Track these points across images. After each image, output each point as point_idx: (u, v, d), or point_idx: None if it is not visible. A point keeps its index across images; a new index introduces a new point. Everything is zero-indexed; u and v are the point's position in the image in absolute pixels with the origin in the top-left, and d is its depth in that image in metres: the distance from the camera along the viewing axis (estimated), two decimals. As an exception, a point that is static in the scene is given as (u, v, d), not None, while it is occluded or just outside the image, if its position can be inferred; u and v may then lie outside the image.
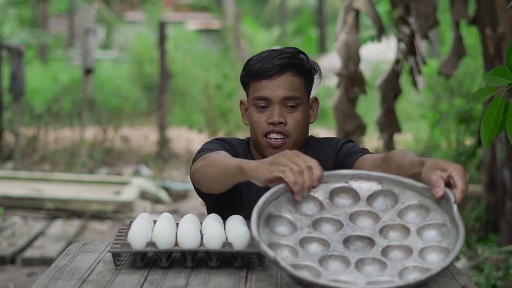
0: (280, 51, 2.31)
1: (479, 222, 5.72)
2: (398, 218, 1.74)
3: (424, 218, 1.74)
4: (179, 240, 1.90)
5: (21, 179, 8.07)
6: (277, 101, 2.27)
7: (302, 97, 2.30)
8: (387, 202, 1.77)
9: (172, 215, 2.08)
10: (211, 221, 2.00)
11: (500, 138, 5.32)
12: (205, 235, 1.91)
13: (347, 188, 1.77)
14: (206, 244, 1.90)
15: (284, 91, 2.27)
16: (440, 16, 5.79)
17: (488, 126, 1.99)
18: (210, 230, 1.92)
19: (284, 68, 2.28)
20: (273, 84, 2.27)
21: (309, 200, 1.76)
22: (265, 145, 2.28)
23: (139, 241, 1.89)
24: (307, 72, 2.32)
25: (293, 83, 2.29)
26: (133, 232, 1.90)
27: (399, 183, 1.78)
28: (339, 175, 1.81)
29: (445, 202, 1.72)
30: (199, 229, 1.98)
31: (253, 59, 2.32)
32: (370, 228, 1.73)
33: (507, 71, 1.99)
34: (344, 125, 5.52)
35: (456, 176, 1.77)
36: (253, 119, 2.30)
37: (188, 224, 1.94)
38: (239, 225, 1.95)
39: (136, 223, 1.97)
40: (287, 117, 2.28)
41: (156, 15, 19.58)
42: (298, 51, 2.34)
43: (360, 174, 1.80)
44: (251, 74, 2.30)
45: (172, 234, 1.92)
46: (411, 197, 1.75)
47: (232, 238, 1.90)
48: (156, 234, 1.90)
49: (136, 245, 1.89)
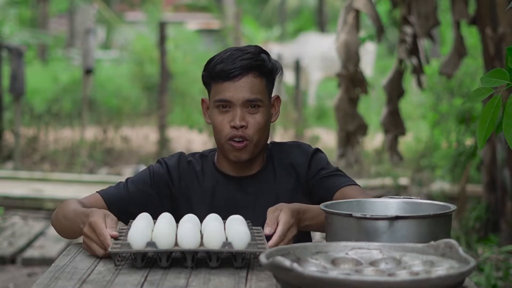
0: (242, 51, 2.29)
1: (479, 222, 5.72)
2: (404, 270, 1.74)
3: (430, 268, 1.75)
4: (179, 240, 1.90)
5: (21, 179, 8.07)
6: (239, 104, 2.27)
7: (263, 99, 2.30)
8: (389, 266, 1.77)
9: (171, 216, 2.08)
10: (211, 221, 2.00)
11: (500, 138, 5.32)
12: (205, 235, 1.91)
13: (348, 259, 1.77)
14: (206, 244, 1.89)
15: (246, 94, 2.26)
16: (440, 16, 5.79)
17: (483, 126, 1.98)
18: (210, 230, 1.91)
19: (246, 70, 2.26)
20: (234, 87, 2.26)
21: (311, 265, 1.75)
22: (229, 148, 2.29)
23: (139, 241, 1.88)
24: (269, 72, 2.32)
25: (255, 84, 2.28)
26: (133, 232, 1.90)
27: (399, 248, 1.78)
28: (340, 246, 1.80)
29: (449, 250, 1.73)
30: (199, 229, 1.98)
31: (215, 59, 2.30)
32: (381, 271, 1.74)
33: (504, 72, 1.99)
34: (345, 125, 5.52)
35: (280, 225, 2.03)
36: (216, 121, 2.31)
37: (188, 224, 1.94)
38: (239, 225, 1.95)
39: (136, 223, 1.97)
40: (248, 120, 2.28)
41: (156, 15, 19.58)
42: (260, 50, 2.33)
43: (360, 245, 1.80)
44: (213, 76, 2.29)
45: (172, 234, 1.92)
46: (414, 258, 1.75)
47: (232, 238, 1.90)
48: (156, 234, 1.90)
49: (136, 245, 1.88)
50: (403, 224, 1.89)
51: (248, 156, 2.30)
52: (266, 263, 1.59)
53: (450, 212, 1.97)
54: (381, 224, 1.88)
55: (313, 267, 1.70)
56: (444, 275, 1.54)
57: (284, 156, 2.39)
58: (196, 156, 2.41)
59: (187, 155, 2.41)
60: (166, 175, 2.35)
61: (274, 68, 2.34)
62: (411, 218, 1.91)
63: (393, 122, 5.88)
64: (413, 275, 1.65)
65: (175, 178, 2.35)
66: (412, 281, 1.52)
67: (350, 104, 5.52)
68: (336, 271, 1.68)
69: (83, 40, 10.84)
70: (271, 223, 2.02)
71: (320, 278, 1.52)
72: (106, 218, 2.03)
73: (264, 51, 2.34)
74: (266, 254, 1.65)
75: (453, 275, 1.54)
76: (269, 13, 24.83)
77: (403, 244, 1.79)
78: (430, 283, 1.52)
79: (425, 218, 1.92)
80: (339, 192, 2.30)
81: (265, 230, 2.01)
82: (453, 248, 1.72)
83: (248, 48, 2.32)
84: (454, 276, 1.54)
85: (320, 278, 1.52)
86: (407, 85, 8.16)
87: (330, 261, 1.75)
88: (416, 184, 7.69)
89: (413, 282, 1.51)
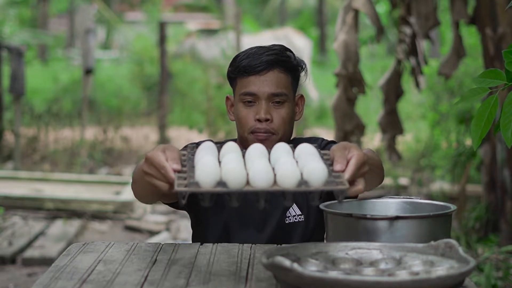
0: (268, 48, 2.35)
1: (479, 222, 5.72)
2: (404, 270, 1.74)
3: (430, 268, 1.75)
4: (251, 179, 1.75)
5: (21, 179, 8.07)
6: (264, 97, 2.30)
7: (288, 94, 2.33)
8: (389, 266, 1.77)
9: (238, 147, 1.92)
10: (283, 157, 1.83)
11: (500, 138, 5.32)
12: (278, 173, 1.76)
13: (348, 259, 1.78)
14: (280, 183, 1.75)
15: (271, 87, 2.30)
16: (440, 16, 5.79)
17: (479, 125, 1.98)
18: (283, 168, 1.77)
19: (272, 65, 2.31)
20: (260, 80, 2.30)
21: (311, 265, 1.75)
22: (252, 140, 2.30)
23: (209, 180, 1.73)
24: (294, 69, 2.36)
25: (280, 79, 2.32)
26: (201, 170, 1.74)
27: (399, 248, 1.78)
28: (339, 246, 1.80)
29: (449, 250, 1.73)
30: (270, 166, 1.81)
31: (241, 55, 2.35)
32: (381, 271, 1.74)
33: (499, 73, 1.99)
34: (343, 125, 5.52)
35: (353, 159, 1.84)
36: (240, 114, 2.33)
37: (259, 161, 1.79)
38: (314, 161, 1.81)
39: (204, 158, 1.79)
40: (273, 114, 2.31)
41: (156, 15, 19.59)
42: (285, 48, 2.38)
43: (360, 245, 1.80)
44: (239, 70, 2.33)
45: (244, 172, 1.76)
46: (414, 258, 1.75)
47: (308, 175, 1.76)
48: (227, 172, 1.75)
49: (205, 185, 1.73)
50: (403, 224, 1.89)
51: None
52: (266, 263, 1.59)
53: (450, 212, 1.97)
54: (381, 224, 1.89)
55: (313, 267, 1.70)
56: (444, 275, 1.55)
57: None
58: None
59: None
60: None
61: (299, 65, 2.38)
62: (411, 218, 1.91)
63: (390, 122, 5.88)
64: (413, 275, 1.65)
65: None
66: (412, 281, 1.52)
67: (348, 104, 5.52)
68: (336, 271, 1.68)
69: (83, 40, 10.83)
70: (341, 159, 1.85)
71: (320, 278, 1.52)
72: (166, 150, 1.86)
73: (289, 49, 2.38)
74: (266, 254, 1.65)
75: (453, 275, 1.55)
76: (269, 13, 24.83)
77: (403, 244, 1.79)
78: (430, 283, 1.52)
79: (425, 218, 1.92)
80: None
81: (336, 166, 1.84)
82: (453, 248, 1.72)
83: (274, 46, 2.37)
84: (454, 276, 1.55)
85: (320, 278, 1.52)
86: (407, 85, 8.16)
87: (330, 261, 1.75)
88: (416, 184, 7.69)
89: (413, 282, 1.51)
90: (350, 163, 1.84)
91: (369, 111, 11.20)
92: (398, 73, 5.88)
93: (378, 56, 17.85)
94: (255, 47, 2.37)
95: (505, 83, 1.97)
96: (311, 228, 2.35)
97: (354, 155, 1.86)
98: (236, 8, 16.83)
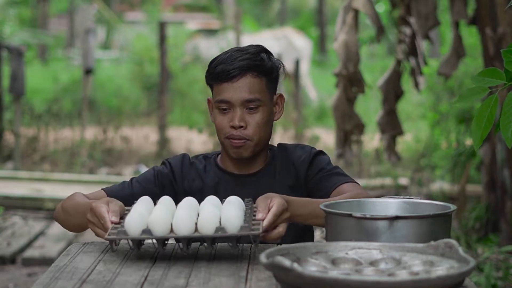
0: (242, 51, 2.33)
1: (479, 222, 5.72)
2: (404, 270, 1.74)
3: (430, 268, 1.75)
4: (174, 227, 1.94)
5: (21, 179, 8.07)
6: (238, 104, 2.30)
7: (263, 98, 2.32)
8: (389, 266, 1.77)
9: (171, 199, 2.11)
10: (206, 205, 2.03)
11: (500, 138, 5.32)
12: (199, 220, 1.95)
13: (348, 259, 1.78)
14: (200, 230, 1.93)
15: (244, 94, 2.30)
16: (440, 16, 5.78)
17: (480, 125, 1.98)
18: (203, 215, 1.95)
19: (244, 70, 2.29)
20: (233, 87, 2.30)
21: (311, 265, 1.75)
22: (229, 145, 2.33)
23: (135, 228, 1.92)
24: (268, 71, 2.34)
25: (254, 84, 2.31)
26: (129, 219, 1.94)
27: (399, 248, 1.78)
28: (339, 246, 1.80)
29: (449, 250, 1.73)
30: (195, 214, 2.00)
31: (215, 61, 2.34)
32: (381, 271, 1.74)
33: (498, 72, 1.98)
34: (343, 125, 5.52)
35: (273, 208, 2.01)
36: (216, 121, 2.36)
37: (182, 211, 1.97)
38: (232, 208, 1.97)
39: (134, 209, 2.00)
40: (248, 120, 2.31)
41: (156, 15, 19.59)
42: (260, 50, 2.35)
43: (360, 245, 1.80)
44: (213, 77, 2.34)
45: (168, 220, 1.95)
46: (414, 258, 1.75)
47: (225, 222, 1.92)
48: (152, 221, 1.93)
49: (132, 232, 1.92)
50: (403, 224, 1.89)
51: (248, 154, 2.33)
52: (266, 263, 1.59)
53: (450, 212, 1.97)
54: (381, 224, 1.89)
55: (313, 267, 1.70)
56: (444, 275, 1.55)
57: (286, 155, 2.41)
58: (199, 158, 2.46)
59: (190, 157, 2.45)
60: (170, 175, 2.39)
61: (274, 67, 2.35)
62: (411, 218, 1.91)
63: (389, 122, 5.87)
64: (413, 275, 1.65)
65: (179, 177, 2.39)
66: (412, 281, 1.52)
67: (348, 104, 5.52)
68: (336, 271, 1.68)
69: (83, 40, 10.84)
70: (262, 209, 2.01)
71: (320, 278, 1.52)
72: (109, 203, 2.06)
73: (265, 50, 2.36)
74: (266, 254, 1.65)
75: (453, 275, 1.55)
76: (269, 13, 24.83)
77: (403, 244, 1.79)
78: (430, 283, 1.52)
79: (425, 218, 1.92)
80: (336, 190, 2.31)
81: (258, 215, 2.00)
82: (453, 248, 1.72)
83: (249, 48, 2.34)
84: (454, 276, 1.55)
85: (320, 278, 1.52)
86: (407, 85, 8.16)
87: (330, 261, 1.75)
88: (416, 184, 7.69)
89: (413, 282, 1.51)
90: (270, 212, 2.00)
91: (369, 111, 11.19)
92: (397, 73, 5.88)
93: (378, 56, 17.84)
94: (230, 50, 2.36)
95: (504, 82, 1.97)
96: (301, 229, 2.35)
97: (274, 203, 2.02)
98: (236, 8, 16.84)
